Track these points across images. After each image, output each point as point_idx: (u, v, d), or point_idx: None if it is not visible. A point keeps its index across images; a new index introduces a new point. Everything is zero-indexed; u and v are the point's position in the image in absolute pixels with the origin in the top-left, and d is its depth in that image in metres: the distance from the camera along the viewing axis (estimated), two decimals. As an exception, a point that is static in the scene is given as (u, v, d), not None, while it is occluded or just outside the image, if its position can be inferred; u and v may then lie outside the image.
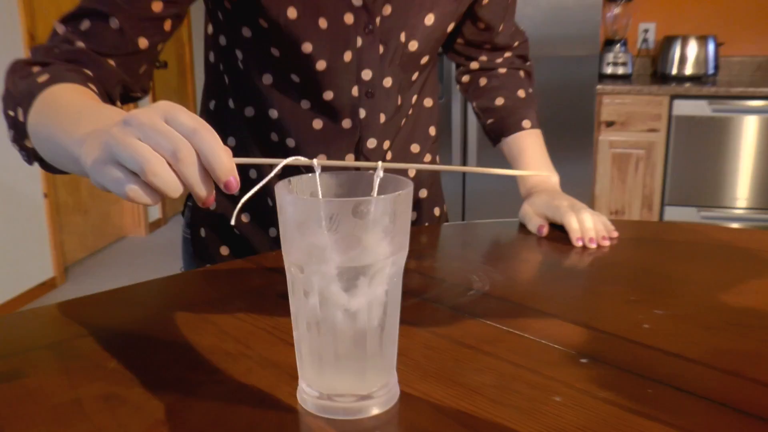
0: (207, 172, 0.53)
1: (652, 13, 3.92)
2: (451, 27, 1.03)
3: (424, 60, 1.02)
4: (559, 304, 0.76)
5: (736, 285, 0.81)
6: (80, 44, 0.84)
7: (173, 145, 0.52)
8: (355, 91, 0.98)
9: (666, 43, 3.69)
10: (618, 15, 3.83)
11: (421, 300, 0.77)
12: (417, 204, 1.14)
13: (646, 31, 3.93)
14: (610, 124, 3.39)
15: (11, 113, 0.77)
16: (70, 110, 0.67)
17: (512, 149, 1.12)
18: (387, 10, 0.94)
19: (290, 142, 1.00)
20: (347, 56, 0.95)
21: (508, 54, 1.18)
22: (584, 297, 0.79)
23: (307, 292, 0.52)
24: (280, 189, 0.51)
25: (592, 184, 3.40)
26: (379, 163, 0.55)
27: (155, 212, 4.79)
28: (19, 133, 0.77)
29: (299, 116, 0.99)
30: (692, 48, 3.62)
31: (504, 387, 0.58)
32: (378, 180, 0.53)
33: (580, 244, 0.95)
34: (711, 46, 3.62)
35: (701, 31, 3.81)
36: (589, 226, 0.95)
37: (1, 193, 3.33)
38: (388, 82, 0.99)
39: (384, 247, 0.50)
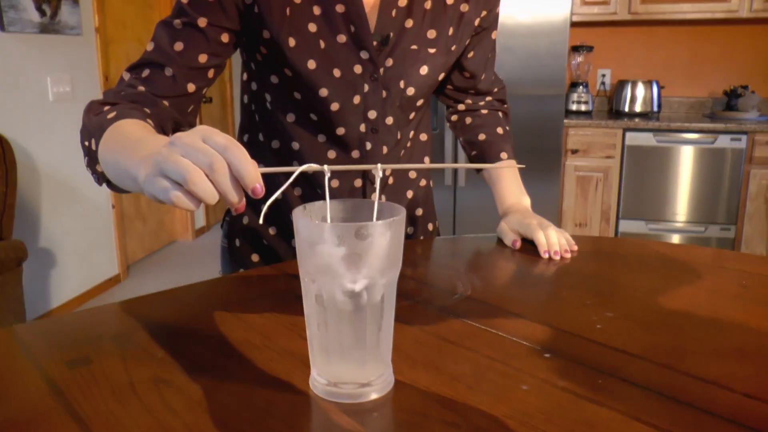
0: (237, 181, 0.53)
1: (608, 62, 3.92)
2: (441, 76, 1.02)
3: (420, 103, 1.02)
4: (527, 307, 0.75)
5: (671, 291, 0.80)
6: (141, 88, 0.85)
7: (209, 159, 0.52)
8: (362, 127, 0.97)
9: (619, 86, 3.69)
10: (581, 62, 3.82)
11: (414, 302, 0.76)
12: (414, 221, 1.14)
13: (603, 75, 3.92)
14: (574, 151, 3.38)
15: (86, 143, 0.77)
16: (131, 140, 0.68)
17: (492, 176, 1.11)
18: (389, 62, 0.94)
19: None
20: (356, 99, 0.95)
21: (489, 98, 1.18)
22: (548, 301, 0.78)
23: (317, 298, 0.52)
24: (296, 214, 0.51)
25: (560, 201, 3.39)
26: (378, 165, 0.56)
27: (200, 220, 4.79)
28: (92, 159, 0.77)
29: (317, 148, 0.98)
30: (640, 90, 3.61)
31: (479, 376, 0.58)
32: (378, 202, 0.53)
33: (546, 256, 0.94)
34: (655, 89, 3.62)
35: (647, 77, 3.81)
36: (553, 241, 0.94)
37: (78, 205, 3.34)
38: (389, 120, 0.99)
39: (381, 263, 0.50)
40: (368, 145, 0.98)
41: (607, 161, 3.36)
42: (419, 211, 1.14)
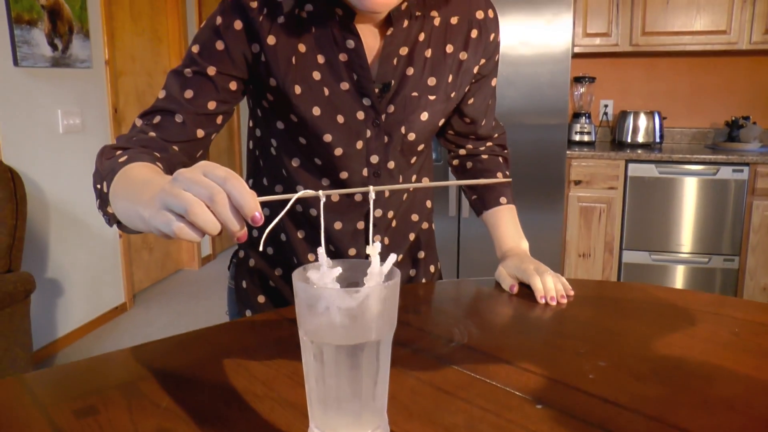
0: (238, 211, 0.56)
1: (610, 92, 3.96)
2: (441, 122, 1.04)
3: (421, 147, 1.04)
4: (522, 355, 0.77)
5: (664, 339, 0.81)
6: (152, 134, 0.89)
7: (209, 191, 0.55)
8: (365, 172, 1.00)
9: (621, 117, 3.73)
10: (583, 93, 3.86)
11: (412, 350, 0.78)
12: (416, 263, 1.16)
13: (606, 106, 3.96)
14: (577, 182, 3.40)
15: (98, 186, 0.80)
16: (139, 181, 0.71)
17: (491, 220, 1.13)
18: (390, 108, 0.97)
19: (312, 212, 1.02)
20: (359, 144, 0.98)
21: (489, 143, 1.19)
22: (543, 349, 0.79)
23: (315, 356, 0.54)
24: (296, 276, 0.54)
25: (563, 232, 3.40)
26: (371, 187, 0.58)
27: (206, 249, 4.82)
28: (103, 201, 0.80)
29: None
30: (642, 121, 3.65)
31: (472, 427, 0.60)
32: (376, 251, 0.56)
33: (543, 301, 0.95)
34: (657, 120, 3.65)
35: (649, 107, 3.85)
36: (550, 286, 0.96)
37: (86, 235, 3.38)
38: (391, 164, 1.01)
39: (377, 323, 0.52)
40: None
41: (610, 192, 3.38)
42: (421, 254, 1.16)
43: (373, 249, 0.56)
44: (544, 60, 3.14)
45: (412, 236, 1.12)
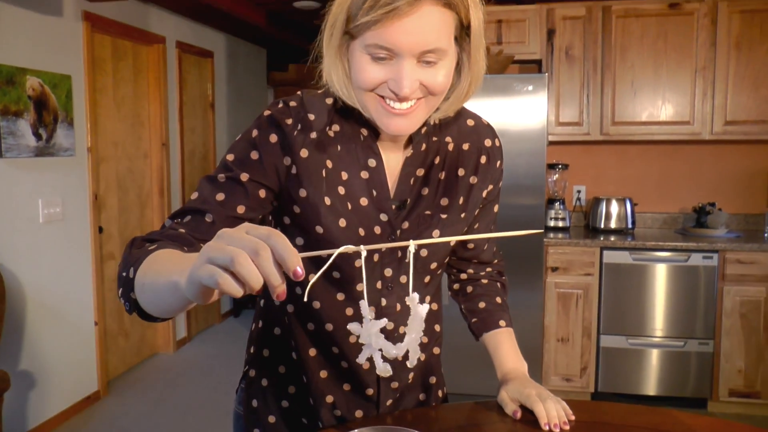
0: (279, 266, 0.59)
1: (582, 179, 4.10)
2: (453, 242, 1.10)
3: (434, 266, 1.08)
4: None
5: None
6: (182, 230, 0.92)
7: (253, 245, 0.58)
8: (378, 284, 1.04)
9: (595, 203, 3.85)
10: (557, 179, 4.00)
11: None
12: (427, 388, 1.19)
13: (578, 191, 4.10)
14: (554, 269, 3.48)
15: (124, 273, 0.82)
16: (171, 259, 0.74)
17: (491, 342, 1.17)
18: (405, 225, 1.03)
19: (328, 327, 1.05)
20: (375, 257, 1.02)
21: (489, 269, 1.24)
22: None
23: None
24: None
25: (542, 317, 3.45)
26: (411, 241, 0.61)
27: (182, 331, 4.74)
28: (126, 288, 0.81)
29: (336, 306, 1.04)
30: (614, 207, 3.77)
31: None
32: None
33: (547, 428, 0.98)
34: (628, 206, 3.78)
35: (620, 193, 3.99)
36: (553, 414, 0.99)
37: (62, 324, 3.32)
38: (404, 279, 1.05)
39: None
40: (384, 302, 1.04)
41: (586, 278, 3.46)
42: (433, 379, 1.19)
43: (412, 300, 0.59)
44: (520, 148, 3.27)
45: (422, 356, 1.15)
